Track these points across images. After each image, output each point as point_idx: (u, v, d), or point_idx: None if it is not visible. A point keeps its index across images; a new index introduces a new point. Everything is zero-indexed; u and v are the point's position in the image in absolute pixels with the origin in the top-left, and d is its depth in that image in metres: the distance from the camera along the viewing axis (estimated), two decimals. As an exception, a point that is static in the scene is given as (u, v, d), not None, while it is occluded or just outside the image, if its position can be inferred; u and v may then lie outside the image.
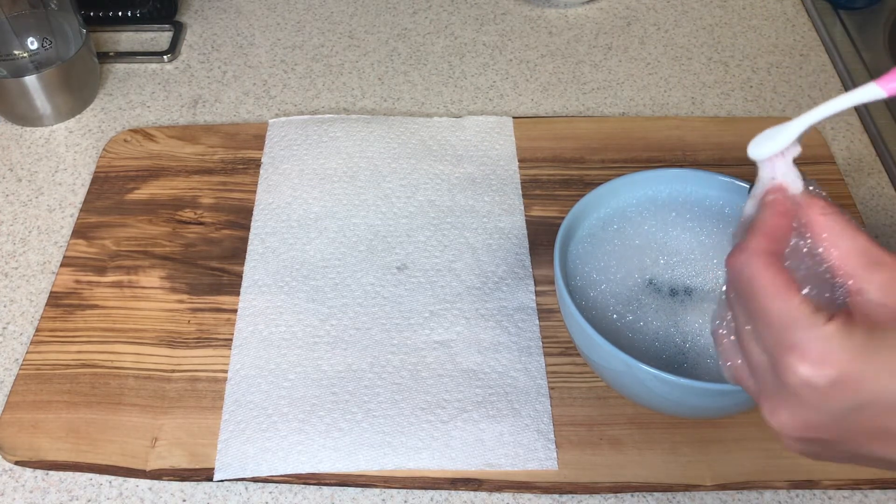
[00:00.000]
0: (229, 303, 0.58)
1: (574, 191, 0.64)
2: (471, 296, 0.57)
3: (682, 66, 0.77)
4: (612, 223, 0.53)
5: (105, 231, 0.62)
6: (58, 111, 0.71)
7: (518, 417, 0.51)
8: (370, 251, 0.60)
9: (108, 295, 0.58)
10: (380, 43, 0.80)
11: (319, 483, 0.50)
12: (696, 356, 0.48)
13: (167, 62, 0.77)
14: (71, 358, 0.55)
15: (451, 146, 0.67)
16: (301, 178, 0.65)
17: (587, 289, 0.51)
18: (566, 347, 0.55)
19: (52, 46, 0.69)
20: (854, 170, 0.67)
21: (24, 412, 0.52)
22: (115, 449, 0.51)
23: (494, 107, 0.73)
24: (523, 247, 0.60)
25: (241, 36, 0.81)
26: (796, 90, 0.74)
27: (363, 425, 0.51)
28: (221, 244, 0.61)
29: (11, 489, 0.50)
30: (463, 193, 0.64)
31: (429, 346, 0.55)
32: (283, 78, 0.76)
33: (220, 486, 0.50)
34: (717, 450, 0.50)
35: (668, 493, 0.49)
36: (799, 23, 0.81)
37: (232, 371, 0.54)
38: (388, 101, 0.74)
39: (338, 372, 0.53)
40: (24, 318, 0.58)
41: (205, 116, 0.72)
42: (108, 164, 0.67)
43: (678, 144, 0.68)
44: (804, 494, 0.49)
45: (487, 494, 0.49)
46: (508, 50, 0.79)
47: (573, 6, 0.83)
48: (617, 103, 0.73)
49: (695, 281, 0.51)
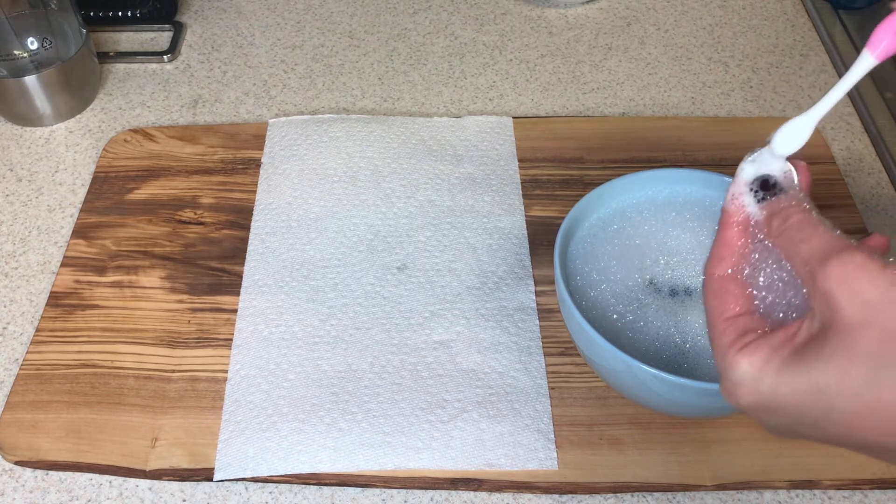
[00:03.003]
0: (229, 303, 0.58)
1: (574, 191, 0.64)
2: (471, 296, 0.57)
3: (682, 66, 0.77)
4: (612, 223, 0.53)
5: (105, 231, 0.62)
6: (58, 111, 0.71)
7: (518, 417, 0.51)
8: (370, 251, 0.60)
9: (108, 295, 0.58)
10: (380, 43, 0.80)
11: (319, 483, 0.50)
12: (696, 356, 0.48)
13: (167, 62, 0.77)
14: (71, 358, 0.55)
15: (451, 146, 0.67)
16: (301, 178, 0.65)
17: (587, 289, 0.51)
18: (566, 347, 0.55)
19: (52, 46, 0.69)
20: (854, 170, 0.67)
21: (24, 412, 0.52)
22: (115, 449, 0.51)
23: (494, 107, 0.73)
24: (523, 247, 0.60)
25: (241, 36, 0.81)
26: (796, 90, 0.74)
27: (363, 425, 0.51)
28: (221, 244, 0.61)
29: (11, 489, 0.50)
30: (463, 193, 0.64)
31: (429, 346, 0.55)
32: (283, 78, 0.76)
33: (220, 486, 0.50)
34: (717, 450, 0.50)
35: (668, 493, 0.49)
36: (799, 23, 0.81)
37: (232, 371, 0.54)
38: (388, 101, 0.74)
39: (338, 372, 0.53)
40: (24, 318, 0.58)
41: (205, 116, 0.72)
42: (108, 164, 0.67)
43: (678, 144, 0.68)
44: (804, 494, 0.49)
45: (487, 494, 0.49)
46: (508, 50, 0.79)
47: (573, 6, 0.83)
48: (617, 103, 0.73)
49: (695, 281, 0.51)
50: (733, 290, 0.37)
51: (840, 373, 0.31)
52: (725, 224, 0.38)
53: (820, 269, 0.33)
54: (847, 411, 0.31)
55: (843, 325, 0.31)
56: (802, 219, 0.35)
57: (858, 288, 0.31)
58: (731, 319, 0.36)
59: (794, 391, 0.32)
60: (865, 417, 0.31)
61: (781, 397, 0.33)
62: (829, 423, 0.32)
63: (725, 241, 0.38)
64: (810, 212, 0.36)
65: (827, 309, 0.32)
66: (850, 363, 0.31)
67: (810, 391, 0.32)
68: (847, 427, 0.32)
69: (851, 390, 0.31)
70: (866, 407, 0.31)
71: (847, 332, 0.31)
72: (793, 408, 0.33)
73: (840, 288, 0.32)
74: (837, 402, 0.31)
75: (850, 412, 0.31)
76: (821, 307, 0.33)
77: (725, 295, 0.37)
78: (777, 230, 0.36)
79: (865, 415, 0.31)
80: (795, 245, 0.35)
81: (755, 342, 0.34)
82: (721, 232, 0.39)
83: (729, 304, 0.37)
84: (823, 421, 0.32)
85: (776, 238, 0.36)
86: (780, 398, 0.33)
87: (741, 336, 0.35)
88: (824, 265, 0.32)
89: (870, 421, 0.31)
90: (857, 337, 0.31)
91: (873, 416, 0.31)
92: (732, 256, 0.38)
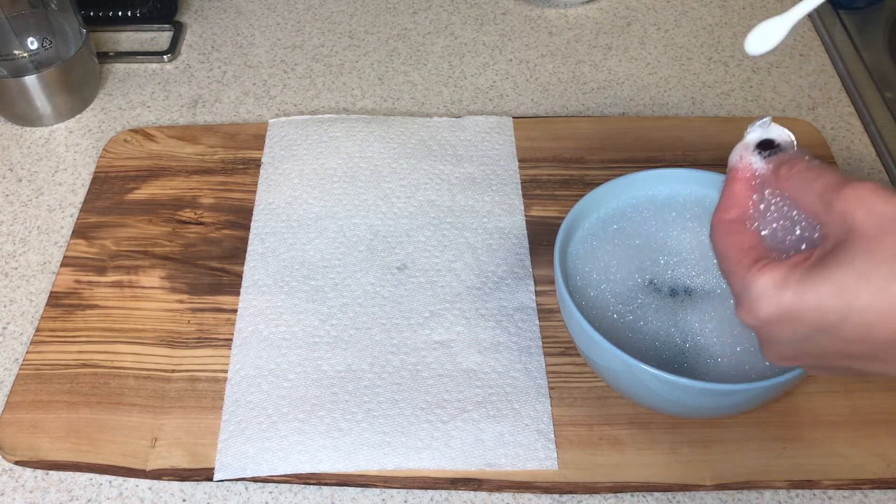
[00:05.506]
0: (229, 303, 0.58)
1: (574, 191, 0.64)
2: (471, 296, 0.57)
3: (682, 66, 0.77)
4: (612, 223, 0.53)
5: (105, 231, 0.62)
6: (58, 111, 0.71)
7: (518, 417, 0.51)
8: (370, 251, 0.60)
9: (108, 295, 0.58)
10: (380, 43, 0.80)
11: (319, 483, 0.50)
12: (696, 356, 0.48)
13: (167, 62, 0.77)
14: (71, 358, 0.55)
15: (451, 146, 0.67)
16: (301, 178, 0.65)
17: (587, 289, 0.51)
18: (566, 347, 0.55)
19: (52, 46, 0.69)
20: (854, 170, 0.67)
21: (24, 412, 0.52)
22: (115, 449, 0.51)
23: (494, 107, 0.73)
24: (523, 247, 0.60)
25: (241, 36, 0.81)
26: (796, 90, 0.74)
27: (363, 425, 0.51)
28: (221, 244, 0.61)
29: (11, 489, 0.50)
30: (463, 193, 0.64)
31: (429, 346, 0.55)
32: (283, 78, 0.76)
33: (220, 486, 0.50)
34: (717, 450, 0.50)
35: (668, 493, 0.49)
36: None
37: (232, 371, 0.54)
38: (388, 101, 0.74)
39: (338, 372, 0.53)
40: (24, 318, 0.58)
41: (205, 116, 0.72)
42: (108, 164, 0.67)
43: (678, 144, 0.68)
44: (804, 494, 0.49)
45: (487, 494, 0.49)
46: (508, 50, 0.79)
47: (573, 6, 0.83)
48: (617, 103, 0.73)
49: (695, 281, 0.51)
50: (744, 229, 0.40)
51: (861, 272, 0.33)
52: (732, 179, 0.41)
53: (836, 195, 0.35)
54: (867, 308, 0.33)
55: (862, 236, 0.33)
56: (810, 164, 0.38)
57: (875, 206, 0.34)
58: (745, 250, 0.38)
59: (817, 295, 0.34)
60: (885, 312, 0.33)
61: (805, 302, 0.34)
62: (850, 324, 0.34)
63: (733, 193, 0.41)
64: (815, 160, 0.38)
65: (843, 227, 0.34)
66: (870, 265, 0.33)
67: (833, 293, 0.34)
68: (865, 326, 0.33)
69: (873, 287, 0.33)
70: (887, 303, 0.33)
71: (866, 240, 0.33)
72: (814, 312, 0.34)
73: (857, 206, 0.34)
74: (858, 300, 0.33)
75: (871, 309, 0.33)
76: (836, 228, 0.35)
77: (737, 234, 0.39)
78: (786, 175, 0.38)
79: (885, 310, 0.33)
80: (808, 182, 0.37)
81: (773, 262, 0.36)
82: (728, 186, 0.41)
83: (742, 238, 0.39)
84: (843, 323, 0.34)
85: (785, 182, 0.38)
86: (804, 303, 0.34)
87: (758, 260, 0.37)
88: (840, 190, 0.35)
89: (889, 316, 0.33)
90: (877, 243, 0.33)
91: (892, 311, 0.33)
92: (740, 207, 0.40)
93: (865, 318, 0.33)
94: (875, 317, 0.33)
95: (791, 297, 0.35)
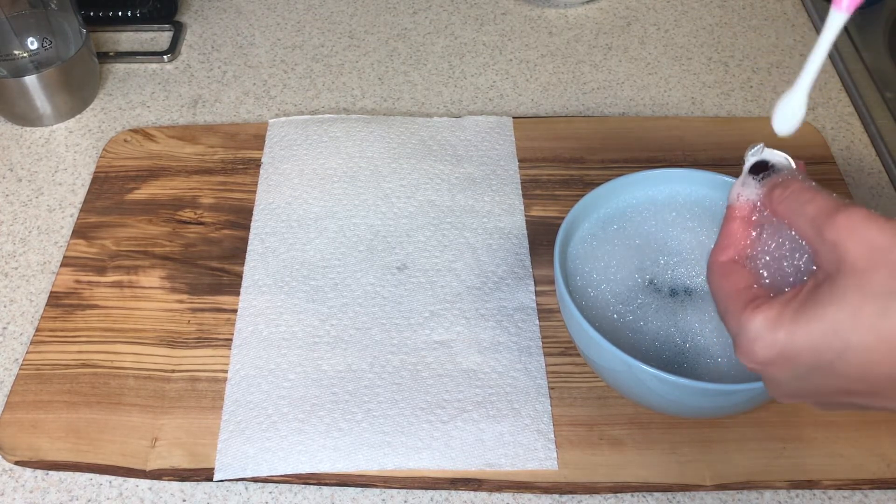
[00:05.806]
0: (229, 303, 0.58)
1: (574, 191, 0.64)
2: (471, 296, 0.57)
3: (682, 66, 0.77)
4: (612, 223, 0.53)
5: (105, 231, 0.62)
6: (58, 111, 0.71)
7: (518, 417, 0.51)
8: (370, 251, 0.60)
9: (108, 295, 0.58)
10: (380, 43, 0.80)
11: (319, 483, 0.50)
12: (696, 356, 0.48)
13: (167, 62, 0.77)
14: (71, 358, 0.55)
15: (451, 146, 0.67)
16: (301, 178, 0.65)
17: (587, 289, 0.51)
18: (566, 347, 0.55)
19: (52, 46, 0.69)
20: (854, 170, 0.67)
21: (24, 412, 0.52)
22: (114, 449, 0.51)
23: (494, 107, 0.73)
24: (523, 247, 0.60)
25: (241, 36, 0.81)
26: (796, 90, 0.74)
27: (363, 425, 0.51)
28: (221, 244, 0.61)
29: (11, 489, 0.50)
30: (463, 193, 0.64)
31: (429, 346, 0.55)
32: (283, 78, 0.76)
33: (220, 486, 0.50)
34: (717, 450, 0.50)
35: (668, 493, 0.49)
36: (799, 23, 0.81)
37: (232, 371, 0.54)
38: (388, 101, 0.74)
39: (338, 372, 0.53)
40: (24, 318, 0.58)
41: (205, 116, 0.72)
42: (107, 164, 0.67)
43: (678, 144, 0.68)
44: (804, 494, 0.49)
45: (487, 494, 0.49)
46: (508, 50, 0.79)
47: (573, 6, 0.83)
48: (617, 103, 0.73)
49: (695, 281, 0.51)
50: (739, 269, 0.39)
51: (853, 309, 0.32)
52: (730, 218, 0.41)
53: (828, 222, 0.34)
54: (861, 346, 0.32)
55: (853, 268, 0.33)
56: (804, 185, 0.37)
57: (867, 235, 0.33)
58: (740, 290, 0.38)
59: (809, 334, 0.33)
60: (880, 349, 0.32)
61: (798, 342, 0.34)
62: (845, 362, 0.33)
63: (730, 232, 0.41)
64: (810, 182, 0.38)
65: (835, 258, 0.34)
66: (862, 300, 0.32)
67: (826, 331, 0.33)
68: (862, 364, 0.33)
69: (865, 324, 0.32)
70: (880, 339, 0.32)
71: (857, 273, 0.33)
72: (810, 351, 0.34)
73: (849, 236, 0.33)
74: (852, 337, 0.32)
75: (865, 346, 0.32)
76: (828, 258, 0.34)
77: (732, 274, 0.39)
78: (779, 198, 0.38)
79: (880, 347, 0.32)
80: (801, 206, 0.36)
81: (766, 302, 0.36)
82: (725, 225, 0.41)
83: (737, 280, 0.39)
84: (839, 362, 0.33)
85: (779, 206, 0.38)
86: (797, 343, 0.34)
87: (752, 300, 0.37)
88: (832, 217, 0.34)
89: (884, 353, 0.32)
90: (868, 277, 0.32)
91: (887, 347, 0.32)
92: (736, 247, 0.40)
93: (861, 356, 0.32)
94: (870, 355, 0.32)
95: (784, 337, 0.34)
